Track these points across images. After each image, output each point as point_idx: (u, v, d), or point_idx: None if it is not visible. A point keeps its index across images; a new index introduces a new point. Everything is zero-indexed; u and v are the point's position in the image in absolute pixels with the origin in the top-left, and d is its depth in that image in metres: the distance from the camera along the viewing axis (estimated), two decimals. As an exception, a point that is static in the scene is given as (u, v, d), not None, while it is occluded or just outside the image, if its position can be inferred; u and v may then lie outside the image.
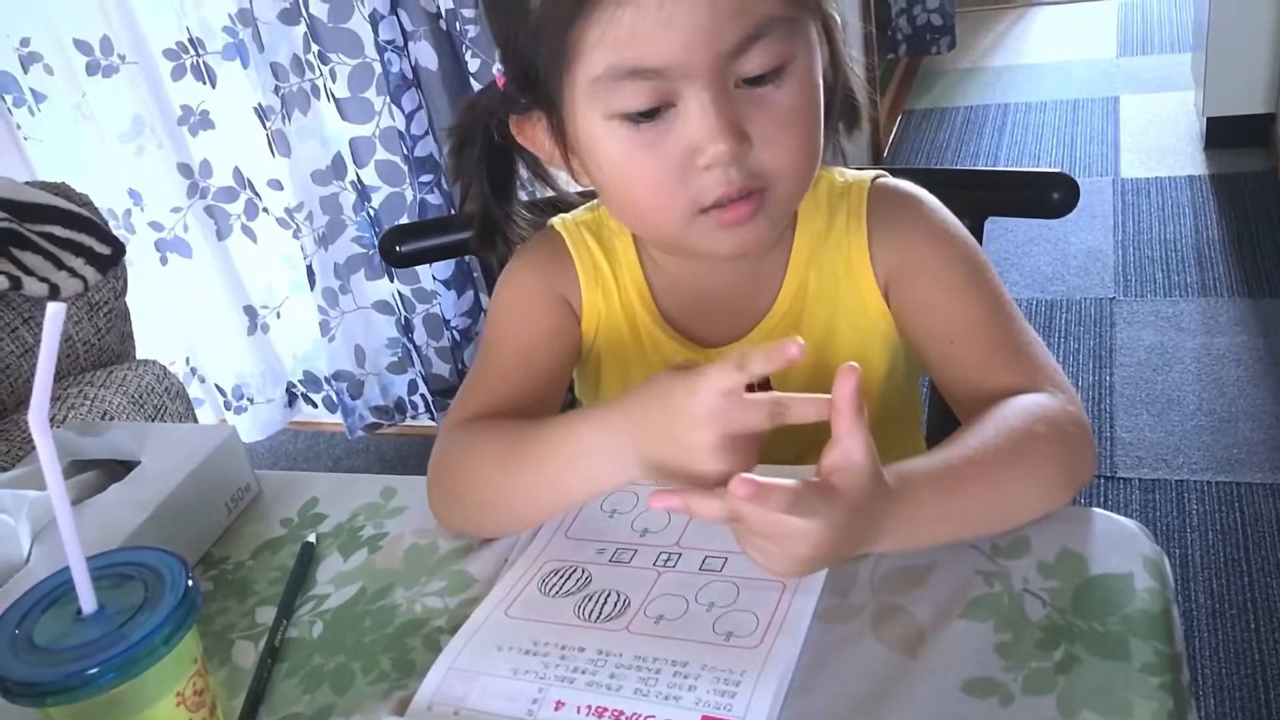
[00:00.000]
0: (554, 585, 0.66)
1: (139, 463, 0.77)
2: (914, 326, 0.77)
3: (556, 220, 0.85)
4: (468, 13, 1.67)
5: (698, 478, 0.58)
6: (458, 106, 0.80)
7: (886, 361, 0.81)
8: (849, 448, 0.55)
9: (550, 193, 0.84)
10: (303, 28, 1.78)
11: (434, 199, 1.87)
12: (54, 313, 0.51)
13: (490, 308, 0.85)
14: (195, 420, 1.78)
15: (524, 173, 0.81)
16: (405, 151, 1.83)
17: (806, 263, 0.79)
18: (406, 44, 1.75)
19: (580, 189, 0.84)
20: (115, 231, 1.75)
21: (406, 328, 2.07)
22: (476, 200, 0.80)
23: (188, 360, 2.30)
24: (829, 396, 0.54)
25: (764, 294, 0.80)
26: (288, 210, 2.02)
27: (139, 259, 2.10)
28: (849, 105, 0.77)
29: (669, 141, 0.66)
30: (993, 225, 0.92)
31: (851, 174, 0.81)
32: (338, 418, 2.23)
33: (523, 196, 0.83)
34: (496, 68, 0.73)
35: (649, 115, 0.66)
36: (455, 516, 0.74)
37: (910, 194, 0.80)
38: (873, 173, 0.81)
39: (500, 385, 0.79)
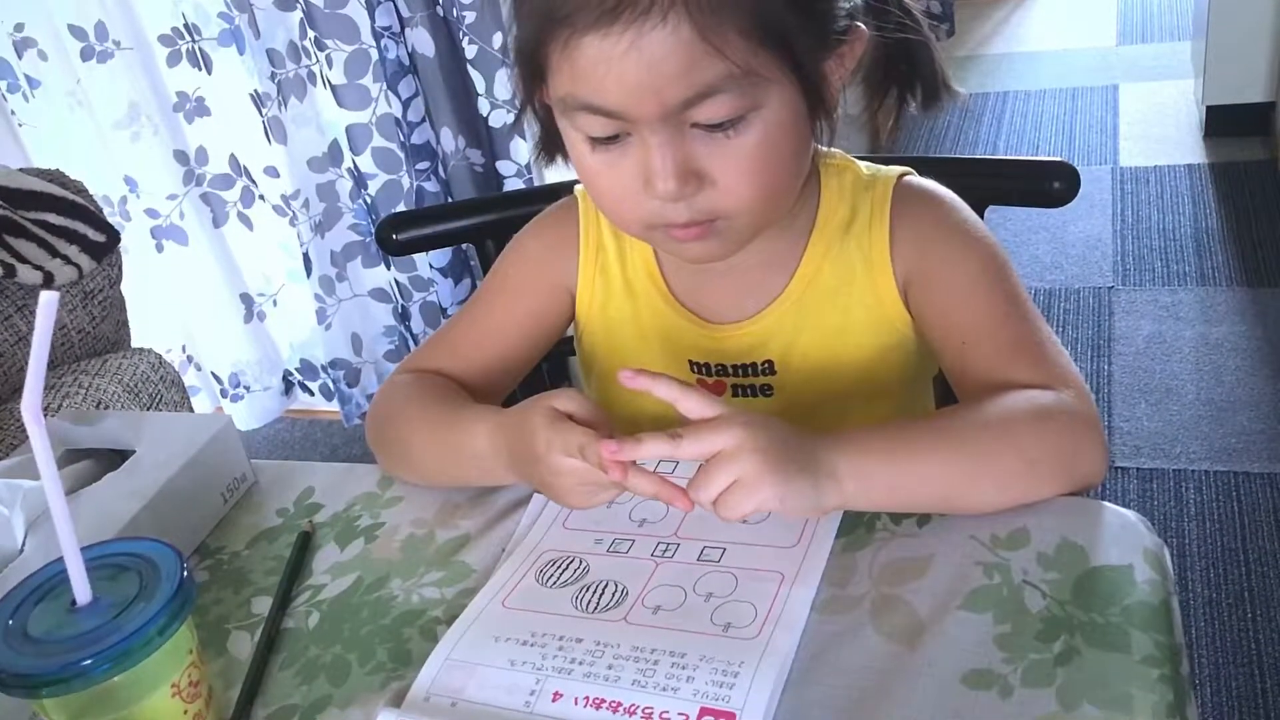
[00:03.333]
0: (551, 575, 0.66)
1: (134, 452, 0.77)
2: (931, 325, 0.77)
3: (579, 189, 0.86)
4: (465, -1, 1.66)
5: (564, 505, 0.68)
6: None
7: (899, 360, 0.81)
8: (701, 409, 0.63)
9: None
10: (299, 13, 1.77)
11: (431, 186, 1.86)
12: (48, 301, 0.51)
13: (494, 265, 0.87)
14: (191, 409, 1.77)
15: None
16: (402, 138, 1.82)
17: (824, 253, 0.79)
18: (403, 30, 1.74)
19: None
20: (110, 219, 1.74)
21: (403, 316, 2.06)
22: (537, 116, 0.77)
23: (184, 348, 2.30)
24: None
25: (776, 278, 0.80)
26: (284, 197, 2.01)
27: (134, 246, 2.09)
28: (929, 83, 0.77)
29: (625, 164, 0.67)
30: (991, 214, 0.91)
31: (877, 168, 0.81)
32: (334, 406, 2.23)
33: None
34: None
35: (608, 140, 0.67)
36: (385, 461, 0.80)
37: (935, 193, 0.79)
38: (898, 169, 0.80)
39: (467, 351, 0.84)
